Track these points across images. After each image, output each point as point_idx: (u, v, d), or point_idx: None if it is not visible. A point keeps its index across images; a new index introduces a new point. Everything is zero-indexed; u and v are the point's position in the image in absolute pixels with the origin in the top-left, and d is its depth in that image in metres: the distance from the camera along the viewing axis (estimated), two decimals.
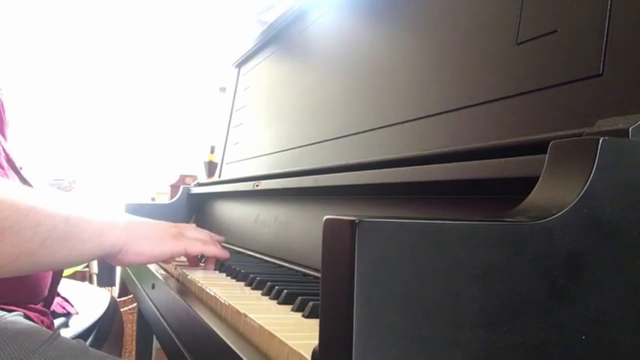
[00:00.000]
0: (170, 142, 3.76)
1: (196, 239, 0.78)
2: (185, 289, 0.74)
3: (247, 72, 1.50)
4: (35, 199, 0.58)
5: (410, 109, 0.70)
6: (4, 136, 0.83)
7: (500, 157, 0.44)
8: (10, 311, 0.70)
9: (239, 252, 1.07)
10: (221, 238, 0.89)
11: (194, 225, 0.83)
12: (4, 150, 0.79)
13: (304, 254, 0.83)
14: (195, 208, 1.49)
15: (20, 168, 0.82)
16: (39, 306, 0.78)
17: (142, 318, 1.46)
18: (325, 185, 0.74)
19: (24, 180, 0.82)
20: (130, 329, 1.91)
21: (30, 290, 0.77)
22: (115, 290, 2.44)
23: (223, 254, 0.83)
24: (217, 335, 0.51)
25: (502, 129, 0.54)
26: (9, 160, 0.80)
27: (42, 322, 0.77)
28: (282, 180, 0.89)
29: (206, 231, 0.83)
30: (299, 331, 0.45)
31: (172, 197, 1.73)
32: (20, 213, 0.56)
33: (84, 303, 1.07)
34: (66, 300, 0.99)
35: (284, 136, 1.11)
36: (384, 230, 0.29)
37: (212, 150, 2.16)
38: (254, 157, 1.26)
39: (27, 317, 0.73)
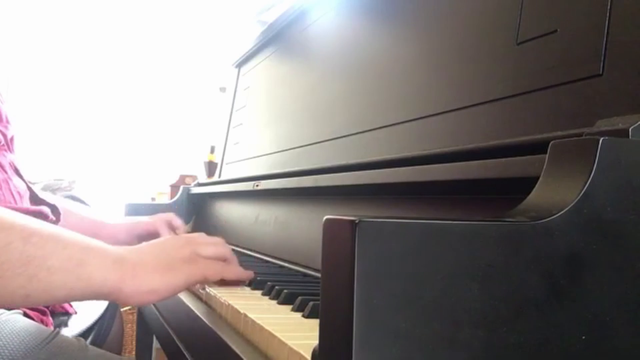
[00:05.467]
0: (170, 142, 3.76)
1: (214, 258, 0.63)
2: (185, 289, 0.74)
3: (247, 72, 1.49)
4: None
5: (410, 109, 0.70)
6: (10, 149, 0.84)
7: (500, 157, 0.44)
8: (9, 309, 0.70)
9: (239, 252, 1.07)
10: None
11: (204, 235, 0.67)
12: (12, 162, 0.81)
13: (304, 254, 0.83)
14: (195, 208, 1.49)
15: (31, 183, 0.84)
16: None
17: (142, 318, 1.46)
18: (325, 185, 0.74)
19: (30, 189, 0.83)
20: (130, 329, 1.91)
21: None
22: None
23: (247, 275, 0.68)
24: (217, 335, 0.51)
25: (502, 129, 0.54)
26: (16, 171, 0.82)
27: (42, 321, 0.77)
28: (282, 180, 0.89)
29: (221, 240, 0.67)
30: (299, 331, 0.45)
31: (172, 197, 1.73)
32: None
33: (84, 303, 1.07)
34: None
35: (284, 136, 1.11)
36: (384, 230, 0.29)
37: (212, 150, 2.16)
38: (254, 157, 1.26)
39: (26, 315, 0.73)
